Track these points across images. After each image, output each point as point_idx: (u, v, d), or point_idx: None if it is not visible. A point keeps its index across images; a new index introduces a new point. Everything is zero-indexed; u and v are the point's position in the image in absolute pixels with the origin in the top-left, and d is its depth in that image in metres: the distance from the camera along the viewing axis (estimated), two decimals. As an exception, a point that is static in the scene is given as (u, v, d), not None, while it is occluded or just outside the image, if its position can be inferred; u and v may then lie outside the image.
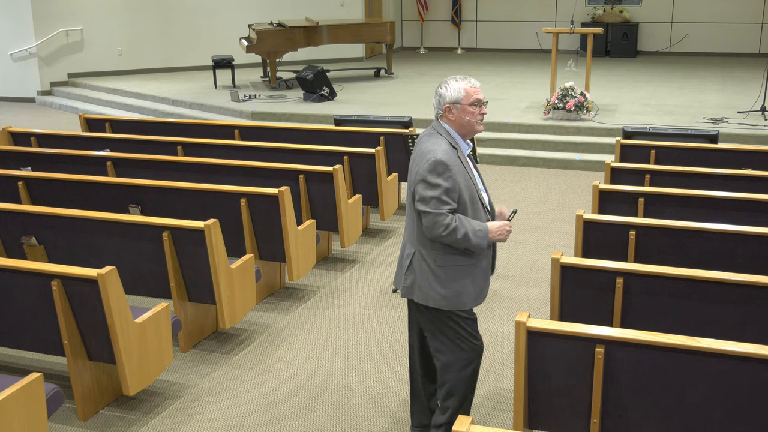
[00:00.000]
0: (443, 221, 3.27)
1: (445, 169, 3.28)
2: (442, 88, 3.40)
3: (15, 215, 4.86)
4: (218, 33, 14.89)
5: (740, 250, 4.16)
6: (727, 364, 2.81)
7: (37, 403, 3.20)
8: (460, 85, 3.37)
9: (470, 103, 3.36)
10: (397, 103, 11.24)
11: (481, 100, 3.39)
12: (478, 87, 3.40)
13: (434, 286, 3.40)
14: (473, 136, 3.49)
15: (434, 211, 3.28)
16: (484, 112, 3.42)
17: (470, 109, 3.37)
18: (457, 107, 3.37)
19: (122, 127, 8.11)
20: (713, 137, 6.79)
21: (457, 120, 3.39)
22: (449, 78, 3.42)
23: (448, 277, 3.38)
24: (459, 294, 3.40)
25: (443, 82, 3.41)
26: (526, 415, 3.21)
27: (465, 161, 3.41)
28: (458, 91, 3.36)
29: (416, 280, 3.45)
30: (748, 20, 15.81)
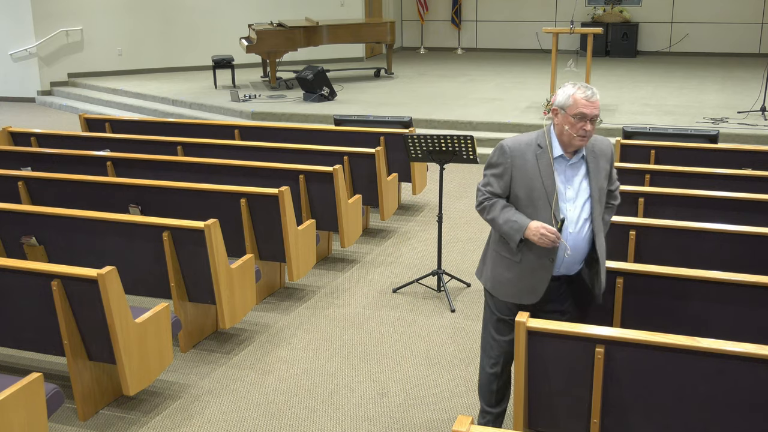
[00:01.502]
0: (479, 198, 3.46)
1: (501, 155, 3.38)
2: (560, 89, 3.39)
3: (15, 215, 4.86)
4: (218, 33, 14.89)
5: (740, 250, 4.16)
6: (727, 364, 2.81)
7: (37, 403, 3.20)
8: (572, 91, 3.30)
9: (574, 114, 3.25)
10: (397, 103, 11.24)
11: (586, 115, 3.23)
12: (592, 101, 3.25)
13: (485, 263, 3.60)
14: (573, 150, 3.32)
15: (480, 187, 3.48)
16: (587, 128, 3.24)
17: (572, 120, 3.26)
18: (562, 113, 3.31)
19: (122, 127, 8.11)
20: (713, 137, 6.79)
21: (559, 126, 3.33)
22: (569, 82, 3.39)
23: (493, 261, 3.52)
24: (497, 281, 3.49)
25: (564, 84, 3.41)
26: (526, 415, 3.21)
27: (546, 163, 3.31)
28: (567, 98, 3.31)
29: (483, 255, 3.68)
30: (748, 20, 15.81)
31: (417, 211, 7.54)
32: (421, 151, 5.42)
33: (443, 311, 5.28)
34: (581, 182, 3.35)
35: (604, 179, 3.40)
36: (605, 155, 3.41)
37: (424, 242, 6.63)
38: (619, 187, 3.59)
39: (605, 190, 3.42)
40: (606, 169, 3.41)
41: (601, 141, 3.44)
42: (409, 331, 5.01)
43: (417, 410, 4.11)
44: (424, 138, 5.34)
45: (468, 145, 5.25)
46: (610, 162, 3.44)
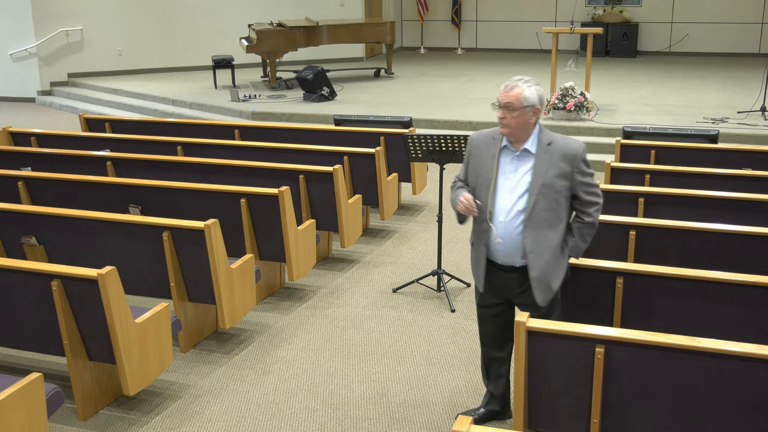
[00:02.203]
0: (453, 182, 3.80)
1: (467, 145, 3.72)
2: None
3: (15, 215, 4.86)
4: (218, 33, 14.89)
5: (740, 250, 4.16)
6: (727, 364, 2.81)
7: (37, 403, 3.20)
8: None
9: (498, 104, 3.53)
10: (397, 103, 11.24)
11: (500, 102, 3.47)
12: (506, 90, 3.46)
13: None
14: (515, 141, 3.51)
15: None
16: (501, 116, 3.48)
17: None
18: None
19: (122, 127, 8.11)
20: (713, 137, 6.79)
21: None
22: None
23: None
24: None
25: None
26: (526, 415, 3.21)
27: (492, 154, 3.55)
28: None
29: None
30: (748, 20, 15.81)
31: (417, 211, 7.54)
32: (421, 151, 5.42)
33: (443, 311, 5.28)
34: (524, 175, 3.48)
35: (557, 178, 3.44)
36: (567, 157, 3.44)
37: (424, 242, 6.63)
38: (594, 202, 3.51)
39: (562, 191, 3.45)
40: (562, 169, 3.43)
41: (565, 142, 3.48)
42: (409, 331, 5.01)
43: (417, 410, 4.11)
44: (424, 138, 5.34)
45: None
46: (571, 164, 3.44)
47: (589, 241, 3.57)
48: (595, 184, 3.52)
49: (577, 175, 3.46)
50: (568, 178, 3.45)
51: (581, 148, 3.48)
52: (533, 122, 3.48)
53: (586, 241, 3.55)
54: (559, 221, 3.49)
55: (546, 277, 3.49)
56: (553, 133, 3.54)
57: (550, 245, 3.47)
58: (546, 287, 3.51)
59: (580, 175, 3.46)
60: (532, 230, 3.46)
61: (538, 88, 3.47)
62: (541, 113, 3.50)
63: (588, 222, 3.53)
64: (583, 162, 3.47)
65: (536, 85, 3.48)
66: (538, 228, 3.46)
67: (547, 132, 3.52)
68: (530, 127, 3.48)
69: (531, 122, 3.47)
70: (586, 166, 3.48)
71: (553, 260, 3.49)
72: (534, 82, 3.48)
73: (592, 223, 3.53)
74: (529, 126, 3.47)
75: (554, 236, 3.47)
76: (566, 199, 3.49)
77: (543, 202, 3.43)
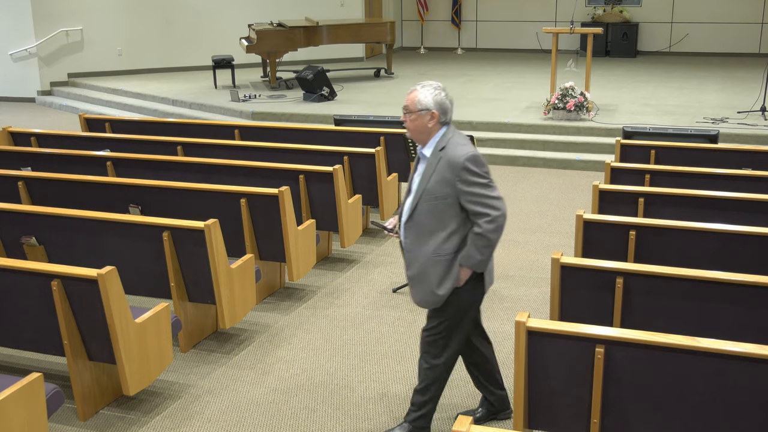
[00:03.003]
0: None
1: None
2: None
3: (15, 215, 4.86)
4: (218, 33, 14.89)
5: (740, 250, 4.16)
6: (727, 364, 2.81)
7: (37, 403, 3.20)
8: None
9: None
10: (397, 103, 11.23)
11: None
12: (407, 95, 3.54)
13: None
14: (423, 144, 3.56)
15: None
16: (403, 118, 3.57)
17: None
18: None
19: (122, 127, 8.11)
20: (713, 137, 6.79)
21: None
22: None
23: None
24: None
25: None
26: (526, 415, 3.21)
27: (417, 161, 3.60)
28: None
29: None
30: (748, 20, 15.81)
31: (417, 211, 7.53)
32: (421, 151, 5.41)
33: (443, 311, 5.28)
34: (418, 178, 3.55)
35: (439, 185, 3.43)
36: (450, 164, 3.41)
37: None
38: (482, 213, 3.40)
39: (443, 198, 3.43)
40: (444, 177, 3.42)
41: (454, 149, 3.44)
42: (409, 331, 5.01)
43: (417, 410, 4.11)
44: (424, 138, 5.33)
45: (468, 145, 5.25)
46: (453, 172, 3.40)
47: (487, 254, 3.44)
48: (487, 194, 3.39)
49: (459, 184, 3.39)
50: (451, 186, 3.41)
51: (465, 156, 3.39)
52: (432, 126, 3.48)
53: (482, 252, 3.42)
54: (441, 228, 3.46)
55: (423, 279, 3.51)
56: (457, 139, 3.48)
57: (428, 250, 3.48)
58: (424, 290, 3.52)
59: (463, 184, 3.39)
60: (412, 232, 3.53)
61: (438, 93, 3.46)
62: (443, 119, 3.48)
63: (477, 233, 3.40)
64: (467, 171, 3.38)
65: (438, 90, 3.47)
66: (418, 231, 3.51)
67: (449, 138, 3.48)
68: (428, 131, 3.49)
69: (429, 126, 3.48)
70: (471, 174, 3.38)
71: (432, 264, 3.48)
72: (436, 87, 3.48)
73: (481, 234, 3.39)
74: (426, 130, 3.49)
75: (434, 242, 3.47)
76: (452, 206, 3.44)
77: (424, 206, 3.47)
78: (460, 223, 3.47)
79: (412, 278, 3.60)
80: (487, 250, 3.43)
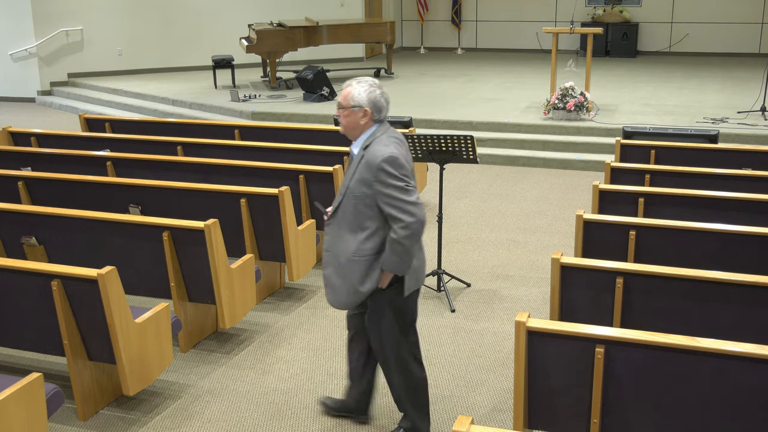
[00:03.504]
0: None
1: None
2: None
3: (15, 215, 4.86)
4: (218, 33, 14.89)
5: (740, 250, 4.16)
6: (727, 364, 2.81)
7: (37, 403, 3.20)
8: None
9: None
10: (397, 103, 11.23)
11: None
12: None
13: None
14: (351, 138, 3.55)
15: None
16: (335, 114, 3.59)
17: None
18: None
19: (122, 127, 8.11)
20: (713, 137, 6.79)
21: None
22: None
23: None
24: None
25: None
26: (526, 415, 3.21)
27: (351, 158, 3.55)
28: None
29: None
30: (748, 20, 15.81)
31: (417, 211, 7.53)
32: (421, 151, 5.41)
33: (443, 311, 5.28)
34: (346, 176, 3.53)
35: (359, 184, 3.40)
36: (369, 164, 3.38)
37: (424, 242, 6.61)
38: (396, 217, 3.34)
39: (362, 198, 3.39)
40: (364, 176, 3.38)
41: (375, 149, 3.40)
42: (409, 331, 5.01)
43: (417, 410, 4.11)
44: (424, 138, 5.34)
45: (468, 145, 5.25)
46: (371, 173, 3.36)
47: (406, 258, 3.38)
48: (403, 198, 3.33)
49: (376, 185, 3.35)
50: (369, 187, 3.36)
51: (382, 157, 3.33)
52: (364, 123, 3.45)
53: (400, 257, 3.36)
54: (361, 228, 3.42)
55: (344, 278, 3.47)
56: (384, 138, 3.43)
57: (347, 249, 3.44)
58: (345, 288, 3.48)
59: (380, 185, 3.34)
60: (333, 230, 3.51)
61: (373, 91, 3.42)
62: (377, 117, 3.44)
63: (393, 238, 3.35)
64: (384, 172, 3.32)
65: (373, 88, 3.43)
66: (339, 229, 3.48)
67: (377, 136, 3.44)
68: (360, 128, 3.46)
69: (361, 123, 3.44)
70: (387, 176, 3.32)
71: (352, 264, 3.44)
72: (371, 84, 3.44)
73: (396, 240, 3.33)
74: (359, 126, 3.46)
75: (354, 241, 3.43)
76: (371, 207, 3.39)
77: (347, 205, 3.44)
78: (380, 225, 3.41)
79: (328, 277, 3.53)
80: (405, 255, 3.37)
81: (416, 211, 3.34)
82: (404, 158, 3.40)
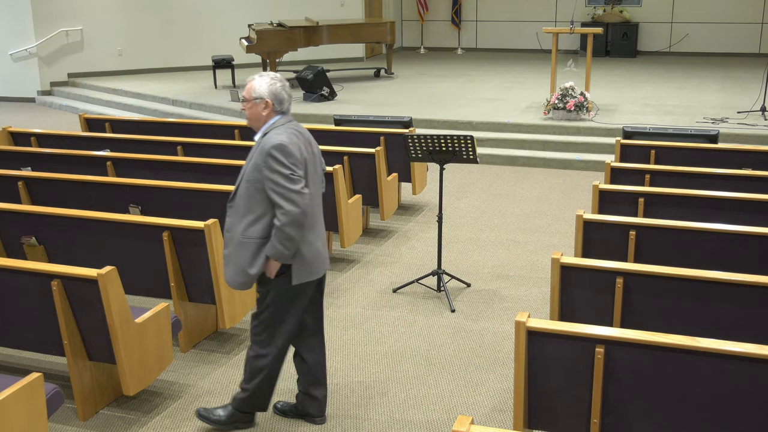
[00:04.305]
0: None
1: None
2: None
3: (15, 215, 4.86)
4: (218, 33, 14.89)
5: (740, 250, 4.16)
6: (727, 364, 2.81)
7: (37, 403, 3.19)
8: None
9: None
10: (397, 103, 11.24)
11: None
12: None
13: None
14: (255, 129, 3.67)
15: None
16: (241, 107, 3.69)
17: None
18: None
19: (122, 127, 8.11)
20: (713, 137, 6.79)
21: None
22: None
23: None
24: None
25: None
26: (526, 415, 3.21)
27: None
28: None
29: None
30: (748, 20, 15.81)
31: (417, 211, 7.54)
32: (421, 151, 5.42)
33: (443, 311, 5.28)
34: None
35: (253, 170, 3.53)
36: (261, 150, 3.52)
37: (424, 242, 6.63)
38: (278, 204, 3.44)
39: (253, 182, 3.51)
40: (256, 162, 3.52)
41: (267, 139, 3.54)
42: (409, 331, 5.01)
43: (417, 410, 4.11)
44: (424, 138, 5.34)
45: (468, 145, 5.25)
46: (262, 158, 3.49)
47: (289, 246, 3.48)
48: (287, 186, 3.43)
49: (265, 170, 3.47)
50: (260, 172, 3.49)
51: (272, 144, 3.47)
52: (266, 115, 3.60)
53: (284, 245, 3.46)
54: (251, 212, 3.53)
55: (234, 259, 3.58)
56: (282, 128, 3.56)
57: (238, 231, 3.56)
58: (236, 269, 3.58)
59: (267, 171, 3.46)
60: (232, 212, 3.62)
61: (274, 84, 3.58)
62: (279, 108, 3.58)
63: (276, 225, 3.46)
64: (271, 157, 3.45)
65: (274, 81, 3.58)
66: (236, 212, 3.60)
67: (276, 126, 3.58)
68: (263, 119, 3.61)
69: (263, 115, 3.60)
70: (274, 162, 3.44)
71: (240, 246, 3.55)
72: (272, 77, 3.59)
73: (279, 227, 3.45)
74: (261, 118, 3.61)
75: (243, 224, 3.54)
76: (260, 192, 3.50)
77: (243, 189, 3.57)
78: (267, 210, 3.51)
79: (226, 257, 3.65)
80: (288, 243, 3.48)
81: (298, 199, 3.44)
82: (296, 148, 3.51)
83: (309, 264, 3.64)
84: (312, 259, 3.65)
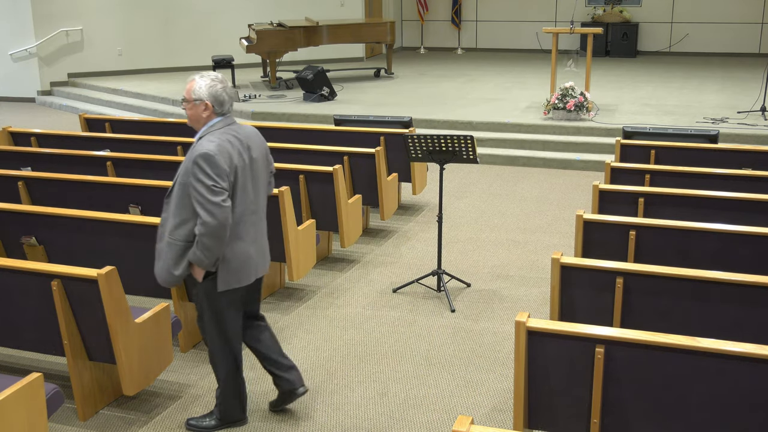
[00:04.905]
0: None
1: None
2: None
3: (15, 215, 4.86)
4: (218, 33, 14.89)
5: (740, 250, 4.16)
6: (727, 364, 2.81)
7: (37, 403, 3.19)
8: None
9: None
10: (397, 103, 11.24)
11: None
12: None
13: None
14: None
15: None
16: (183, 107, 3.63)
17: None
18: None
19: (122, 127, 8.11)
20: (713, 137, 6.79)
21: None
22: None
23: None
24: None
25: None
26: (526, 415, 3.21)
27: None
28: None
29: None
30: (748, 20, 15.81)
31: (417, 211, 7.54)
32: (421, 151, 5.42)
33: (443, 311, 5.28)
34: None
35: (182, 174, 3.51)
36: (190, 157, 3.48)
37: (424, 242, 6.63)
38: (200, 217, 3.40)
39: (183, 186, 3.49)
40: (186, 167, 3.49)
41: (198, 145, 3.50)
42: (409, 331, 5.01)
43: (417, 410, 4.12)
44: (424, 138, 5.35)
45: (468, 145, 5.25)
46: (191, 164, 3.44)
47: (209, 255, 3.44)
48: (207, 197, 3.38)
49: (190, 177, 3.44)
50: (188, 177, 3.46)
51: (200, 152, 3.41)
52: (206, 116, 3.55)
53: (202, 252, 3.43)
54: (179, 214, 3.51)
55: (162, 255, 3.57)
56: (217, 133, 3.51)
57: (167, 229, 3.55)
58: (163, 267, 3.57)
59: (192, 178, 3.42)
60: (166, 208, 3.60)
61: (214, 85, 3.53)
62: (219, 110, 3.54)
63: (196, 233, 3.44)
64: (197, 167, 3.40)
65: (215, 82, 3.54)
66: (167, 211, 3.59)
67: (213, 130, 3.53)
68: (203, 121, 3.57)
69: (204, 116, 3.55)
70: (199, 171, 3.39)
71: (167, 245, 3.54)
72: (213, 78, 3.56)
73: (198, 236, 3.42)
74: (201, 119, 3.57)
75: (172, 224, 3.53)
76: (188, 197, 3.48)
77: (176, 189, 3.54)
78: (192, 215, 3.48)
79: (158, 251, 3.63)
80: (207, 252, 3.44)
81: (218, 212, 3.39)
82: (225, 157, 3.44)
83: (236, 272, 3.60)
84: (239, 267, 3.60)
